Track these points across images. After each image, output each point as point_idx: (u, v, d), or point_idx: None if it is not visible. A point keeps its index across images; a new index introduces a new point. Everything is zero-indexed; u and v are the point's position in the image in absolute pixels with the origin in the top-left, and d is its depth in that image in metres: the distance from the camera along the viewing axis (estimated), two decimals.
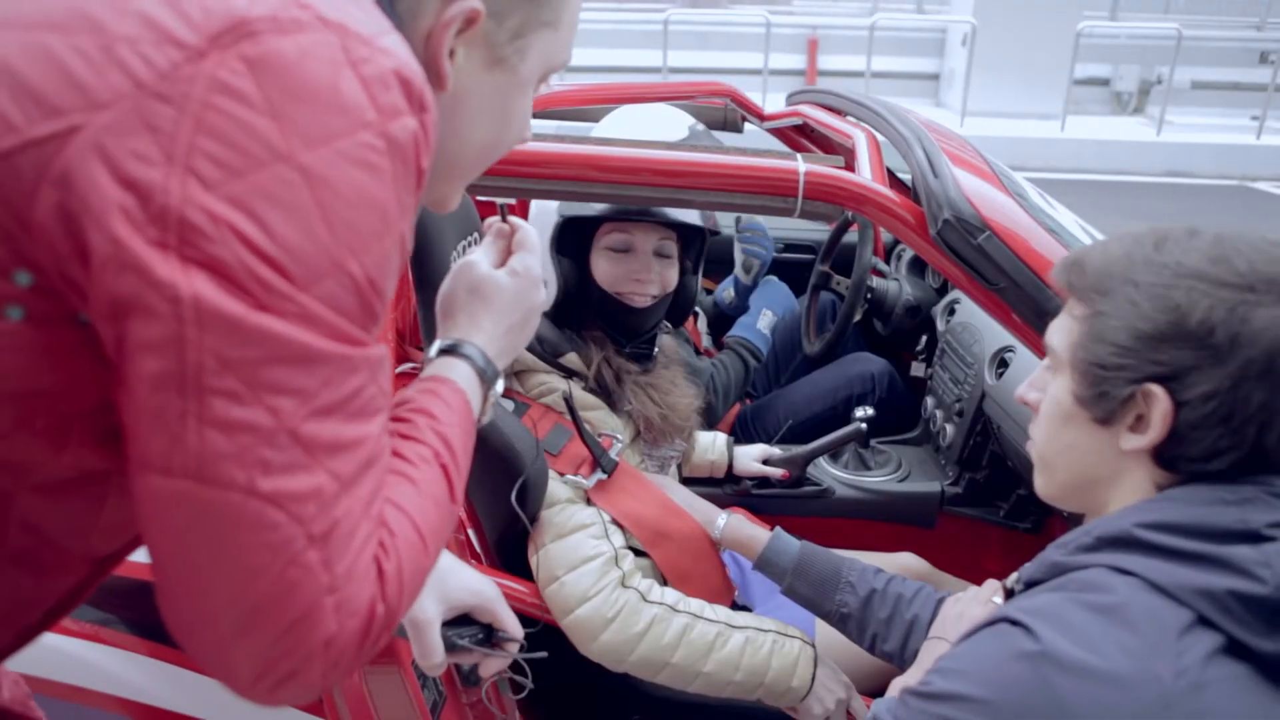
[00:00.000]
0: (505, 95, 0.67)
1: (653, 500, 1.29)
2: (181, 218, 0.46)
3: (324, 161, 0.48)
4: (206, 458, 0.47)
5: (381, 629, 0.56)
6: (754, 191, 1.11)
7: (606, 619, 1.18)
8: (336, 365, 0.50)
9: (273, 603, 0.50)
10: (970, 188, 1.10)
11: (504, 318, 0.79)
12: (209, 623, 0.51)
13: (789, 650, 1.22)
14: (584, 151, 1.10)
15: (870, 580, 1.17)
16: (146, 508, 0.49)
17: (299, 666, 0.52)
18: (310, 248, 0.48)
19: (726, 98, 2.09)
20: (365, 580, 0.54)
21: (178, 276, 0.46)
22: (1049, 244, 1.10)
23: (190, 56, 0.47)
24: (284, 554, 0.49)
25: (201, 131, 0.46)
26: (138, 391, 0.47)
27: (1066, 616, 0.68)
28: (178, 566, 0.50)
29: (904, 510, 1.80)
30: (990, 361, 1.73)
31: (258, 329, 0.47)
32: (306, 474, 0.50)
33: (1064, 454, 0.80)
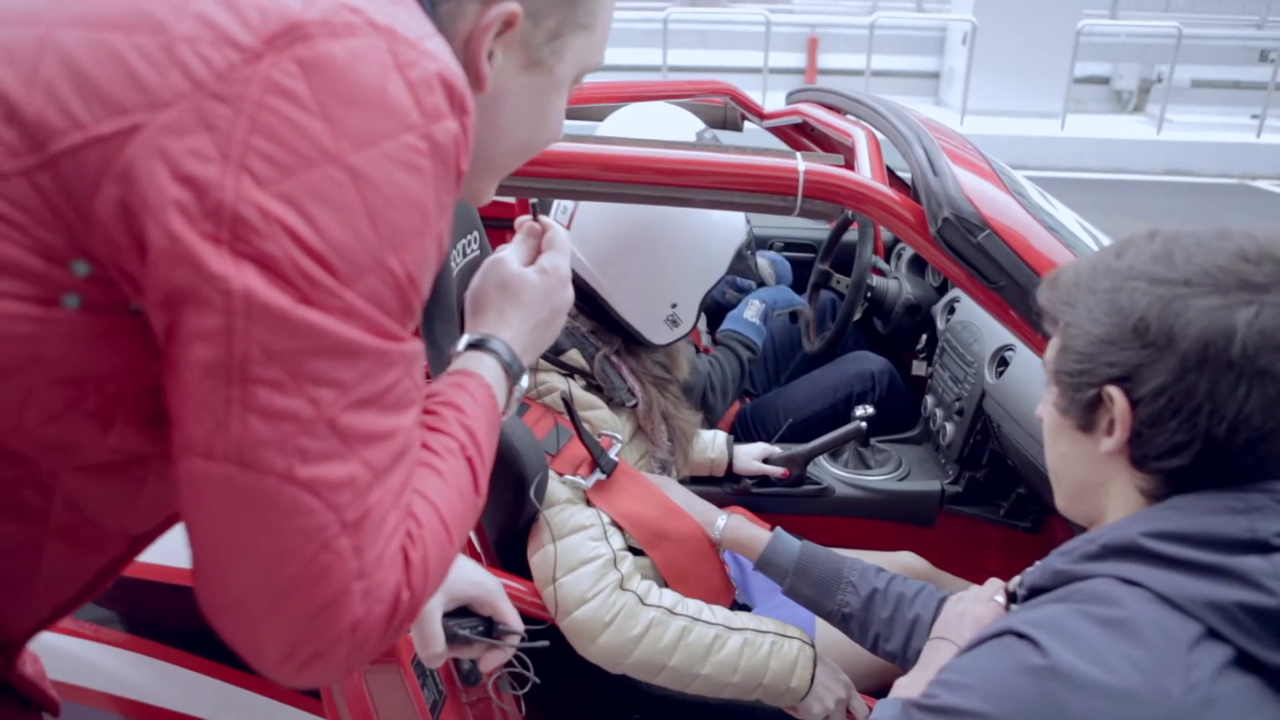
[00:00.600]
0: (541, 96, 0.70)
1: (652, 500, 1.29)
2: (235, 213, 0.48)
3: (370, 163, 0.50)
4: (248, 443, 0.49)
5: (406, 615, 0.57)
6: (753, 190, 1.10)
7: (604, 621, 1.18)
8: (375, 359, 0.52)
9: (304, 586, 0.52)
10: (970, 186, 1.10)
11: (531, 315, 0.81)
12: (241, 603, 0.52)
13: (787, 651, 1.22)
14: (583, 150, 1.10)
15: (872, 580, 1.17)
16: (188, 490, 0.51)
17: (325, 649, 0.54)
18: (355, 245, 0.50)
19: (726, 96, 2.09)
20: (393, 568, 0.55)
21: (230, 270, 0.48)
22: (1049, 243, 1.10)
23: (247, 58, 0.49)
24: (317, 539, 0.51)
25: (256, 131, 0.48)
26: (186, 378, 0.49)
27: (1074, 630, 0.67)
28: (214, 548, 0.52)
29: (904, 509, 1.80)
30: (990, 360, 1.73)
31: (303, 322, 0.49)
32: (342, 463, 0.51)
33: (1060, 464, 0.82)
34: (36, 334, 0.50)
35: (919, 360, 2.21)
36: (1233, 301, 0.68)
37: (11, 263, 0.49)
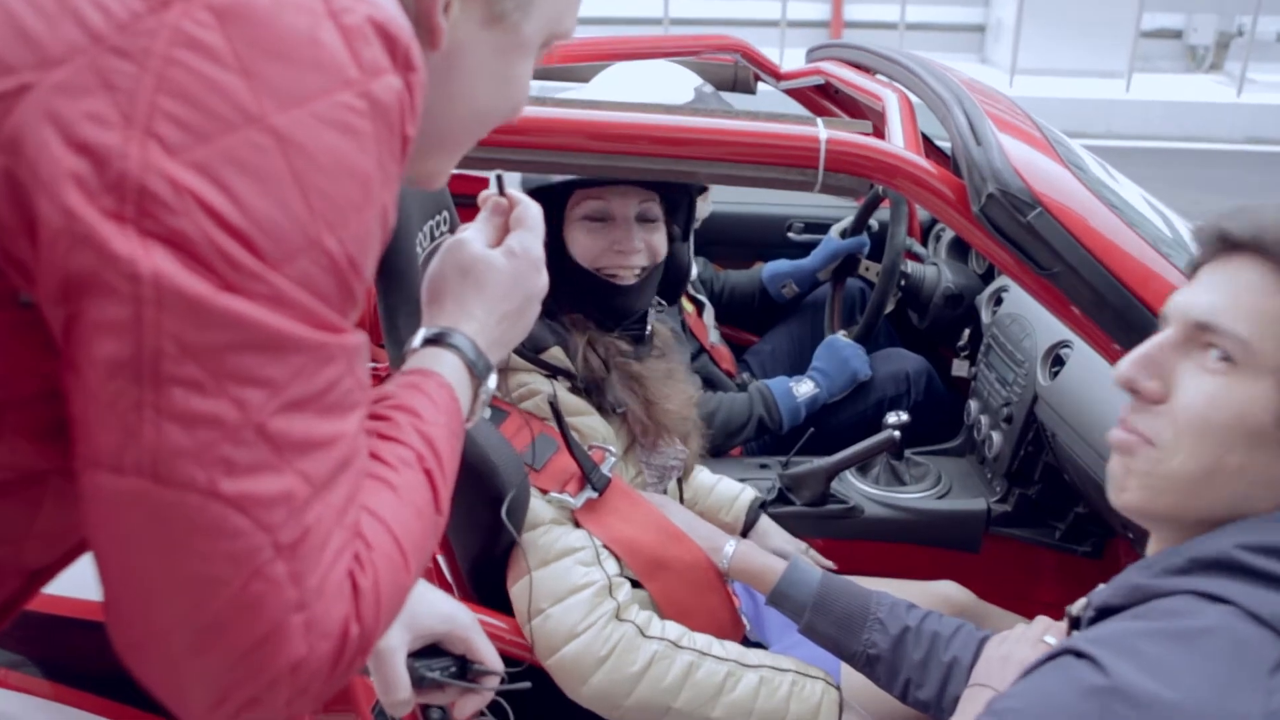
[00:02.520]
0: (504, 57, 0.69)
1: (649, 523, 1.29)
2: (141, 186, 0.46)
3: (299, 124, 0.49)
4: (163, 454, 0.48)
5: (355, 653, 0.56)
6: (768, 162, 1.11)
7: (599, 658, 1.18)
8: (310, 353, 0.51)
9: (233, 620, 0.51)
10: (1019, 157, 1.10)
11: (499, 304, 0.80)
12: (160, 640, 0.52)
13: (809, 694, 1.22)
14: (570, 116, 1.10)
15: (902, 617, 1.16)
16: (94, 510, 0.50)
17: (262, 693, 0.53)
18: (283, 221, 0.49)
19: (737, 53, 2.09)
20: (338, 597, 0.54)
21: (136, 251, 0.46)
22: (1111, 223, 1.10)
23: (152, 6, 0.48)
24: (247, 565, 0.50)
25: (163, 90, 0.47)
26: (89, 379, 0.48)
27: (1139, 646, 0.67)
28: (127, 578, 0.51)
29: (944, 532, 1.80)
30: (1043, 359, 1.73)
31: (223, 311, 0.48)
32: (274, 475, 0.50)
33: (1225, 478, 0.73)
34: None
35: (961, 359, 2.21)
36: None
37: None
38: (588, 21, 8.05)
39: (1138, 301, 1.05)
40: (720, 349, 2.21)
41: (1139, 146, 6.96)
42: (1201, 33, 9.05)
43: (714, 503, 1.59)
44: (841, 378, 2.04)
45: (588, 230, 1.31)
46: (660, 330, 1.46)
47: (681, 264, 1.43)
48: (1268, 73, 8.22)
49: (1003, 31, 8.44)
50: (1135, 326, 1.06)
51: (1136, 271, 1.07)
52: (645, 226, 1.34)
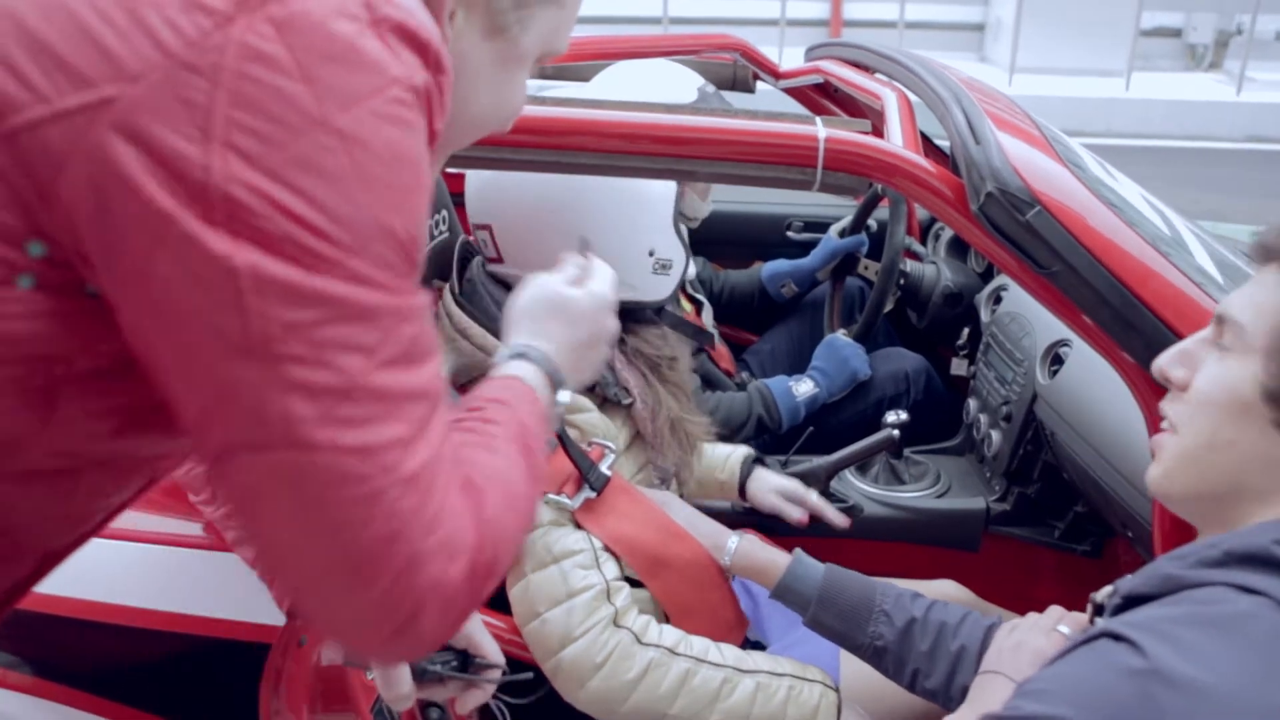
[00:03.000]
0: (502, 66, 0.75)
1: (650, 521, 1.29)
2: (226, 195, 0.52)
3: (359, 123, 0.55)
4: (292, 424, 0.54)
5: (486, 573, 0.64)
6: (766, 161, 1.10)
7: (595, 664, 1.18)
8: (392, 316, 0.57)
9: (377, 553, 0.58)
10: (1018, 156, 1.10)
11: (572, 333, 0.89)
12: (318, 584, 0.59)
13: (806, 697, 1.22)
14: (569, 115, 1.10)
15: (908, 608, 1.17)
16: (239, 489, 0.57)
17: (413, 613, 0.60)
18: (355, 214, 0.55)
19: (736, 52, 2.09)
20: (460, 520, 0.62)
21: (230, 249, 0.52)
22: (1110, 222, 1.10)
23: (218, 22, 0.52)
24: (380, 504, 0.57)
25: (237, 104, 0.52)
26: (206, 373, 0.54)
27: (1176, 631, 0.68)
28: (279, 537, 0.58)
29: (943, 530, 1.80)
30: (1042, 358, 1.73)
31: (316, 292, 0.54)
32: (386, 423, 0.57)
33: (1220, 452, 0.79)
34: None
35: (960, 358, 2.21)
36: None
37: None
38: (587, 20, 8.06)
39: (1136, 300, 1.06)
40: (719, 349, 2.21)
41: (1138, 145, 6.95)
42: (1201, 31, 9.04)
43: (707, 464, 1.60)
44: (841, 377, 2.04)
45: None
46: (668, 335, 1.46)
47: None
48: (1267, 71, 8.22)
49: (1002, 30, 8.44)
50: (1134, 325, 1.06)
51: (1135, 270, 1.07)
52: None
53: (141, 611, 1.22)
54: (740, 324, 2.48)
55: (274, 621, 1.19)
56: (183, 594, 1.23)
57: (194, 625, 1.23)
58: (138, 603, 1.22)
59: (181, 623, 1.23)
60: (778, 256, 2.46)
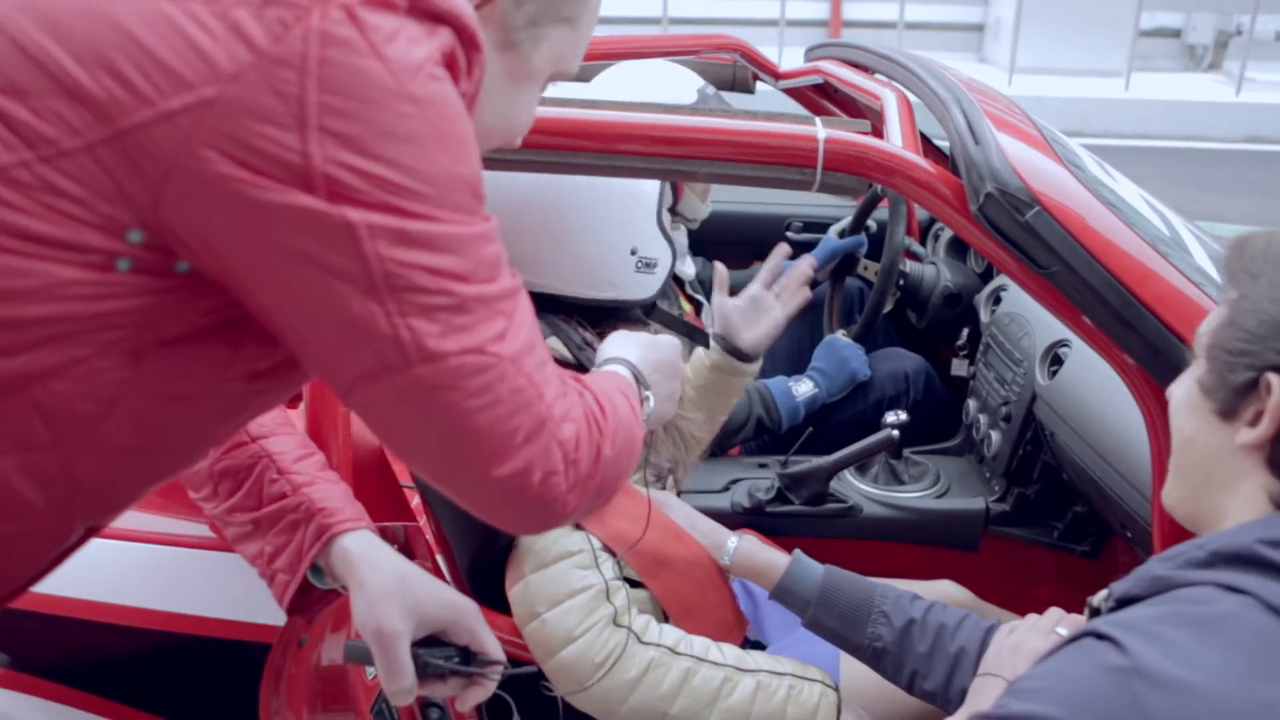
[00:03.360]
0: (513, 81, 0.80)
1: (650, 521, 1.29)
2: (326, 175, 0.58)
3: (424, 87, 0.61)
4: (423, 341, 0.63)
5: (599, 435, 0.76)
6: (766, 161, 1.10)
7: (595, 663, 1.18)
8: (477, 240, 0.66)
9: (509, 424, 0.68)
10: (1017, 156, 1.10)
11: (650, 354, 1.05)
12: (461, 469, 0.69)
13: (806, 696, 1.22)
14: (568, 115, 1.10)
15: (907, 609, 1.17)
16: (380, 411, 0.68)
17: (546, 473, 0.70)
18: (437, 172, 0.63)
19: (735, 52, 2.09)
20: (567, 392, 0.74)
21: (342, 209, 0.59)
22: (1109, 222, 1.10)
23: (299, 15, 0.57)
24: (503, 383, 0.67)
25: (325, 89, 0.57)
26: (329, 315, 0.62)
27: (1161, 631, 0.69)
28: (423, 441, 0.69)
29: (943, 531, 1.81)
30: (1042, 358, 1.73)
31: (419, 233, 0.62)
32: (490, 321, 0.67)
33: (1186, 449, 0.85)
34: (90, 294, 0.60)
35: (959, 358, 2.21)
36: None
37: (70, 237, 0.59)
38: None
39: (1136, 300, 1.06)
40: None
41: (1138, 146, 6.96)
42: (1200, 32, 9.05)
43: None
44: (840, 377, 2.04)
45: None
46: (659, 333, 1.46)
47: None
48: (1267, 72, 8.22)
49: (1001, 30, 8.44)
50: (1133, 325, 1.06)
51: (1135, 270, 1.07)
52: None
53: (142, 611, 1.22)
54: None
55: (274, 621, 1.19)
56: (183, 594, 1.23)
57: (194, 625, 1.23)
58: (138, 602, 1.22)
59: (182, 623, 1.23)
60: None
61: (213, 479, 1.07)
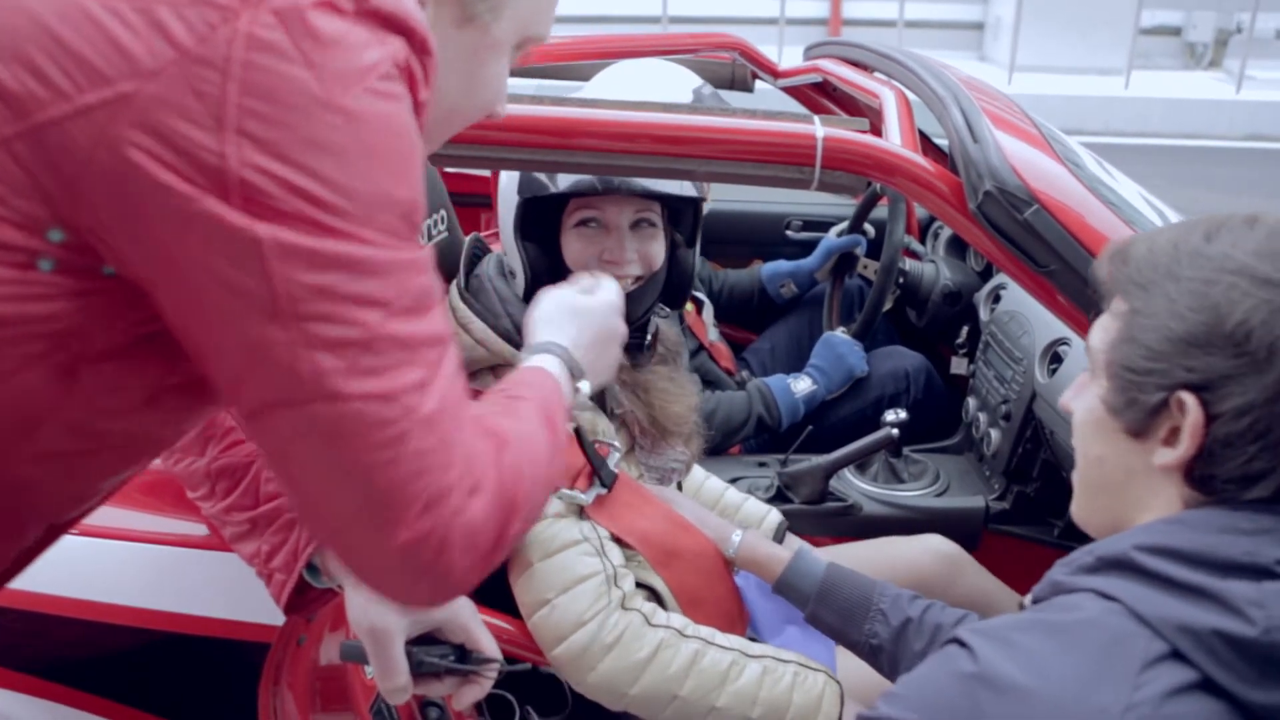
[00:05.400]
0: (475, 56, 0.76)
1: (659, 515, 1.30)
2: (241, 180, 0.55)
3: (359, 101, 0.58)
4: (322, 377, 0.58)
5: (506, 513, 0.69)
6: (764, 160, 1.11)
7: (605, 645, 1.18)
8: (403, 270, 0.62)
9: (403, 489, 0.62)
10: (1016, 155, 1.10)
11: (586, 330, 1.01)
12: (351, 527, 0.63)
13: (812, 685, 1.22)
14: (567, 115, 1.10)
15: (904, 609, 1.18)
16: (273, 444, 0.62)
17: (440, 548, 0.64)
18: (364, 188, 0.59)
19: (735, 52, 2.09)
20: (481, 460, 0.67)
21: (251, 224, 0.56)
22: (1107, 219, 1.10)
23: (226, 16, 0.55)
24: (404, 444, 0.61)
25: (247, 93, 0.55)
26: (236, 337, 0.58)
27: (1015, 637, 0.71)
28: (312, 485, 0.63)
29: (942, 528, 1.80)
30: (1041, 356, 1.73)
31: (334, 255, 0.58)
32: (407, 368, 0.62)
33: (1094, 468, 0.83)
34: (11, 294, 0.58)
35: (959, 357, 2.21)
36: None
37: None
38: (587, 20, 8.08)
39: None
40: (719, 347, 2.21)
41: (1137, 144, 6.96)
42: (1200, 29, 9.05)
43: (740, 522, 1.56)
44: (839, 374, 2.04)
45: (579, 235, 1.30)
46: (667, 334, 1.46)
47: (685, 270, 1.41)
48: (1267, 69, 8.21)
49: (1001, 29, 8.44)
50: None
51: None
52: (640, 234, 1.31)
53: (141, 611, 1.22)
54: (740, 323, 2.49)
55: (274, 621, 1.19)
56: (182, 594, 1.23)
57: (193, 625, 1.23)
58: (137, 602, 1.22)
59: (180, 622, 1.23)
60: (777, 256, 2.46)
61: (210, 478, 1.07)
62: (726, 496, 1.58)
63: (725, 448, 1.92)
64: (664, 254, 1.35)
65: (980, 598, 1.48)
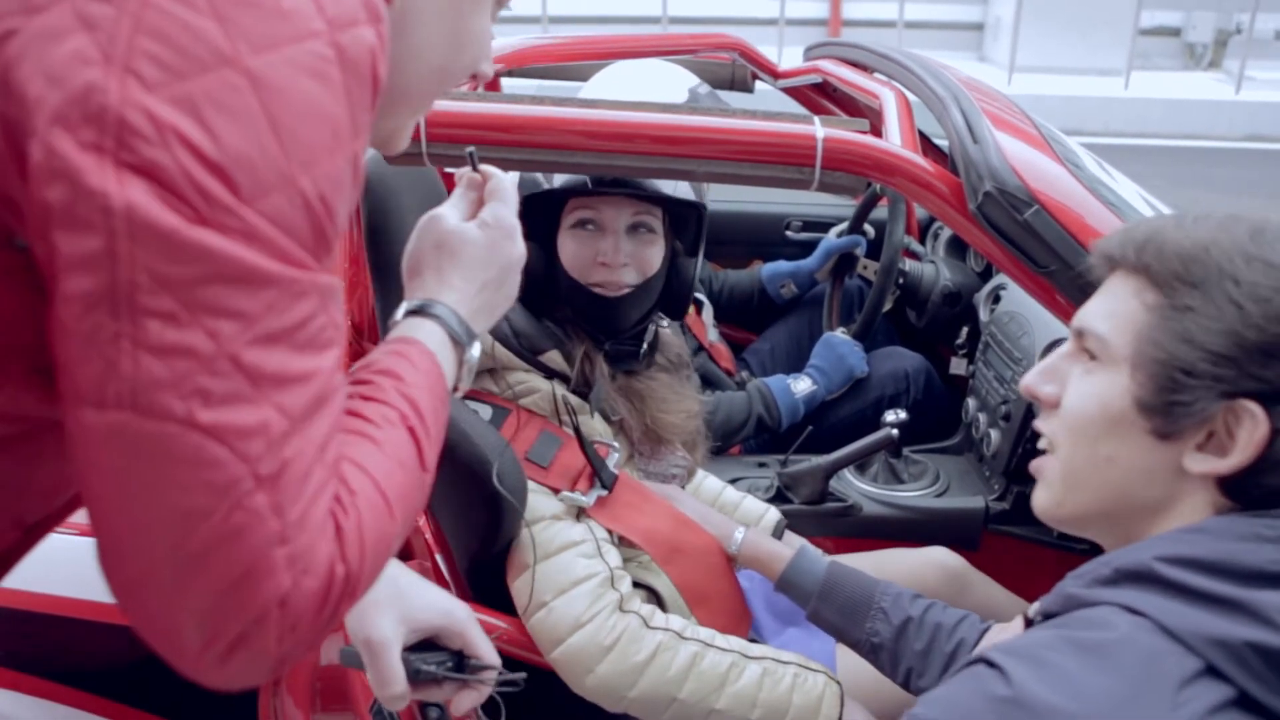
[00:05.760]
0: (458, 11, 0.71)
1: (662, 513, 1.30)
2: (120, 118, 0.48)
3: (272, 68, 0.51)
4: (141, 385, 0.49)
5: (341, 595, 0.58)
6: (764, 160, 1.11)
7: (604, 647, 1.18)
8: (282, 288, 0.52)
9: (217, 551, 0.52)
10: (1016, 155, 1.10)
11: (477, 274, 0.82)
12: (149, 577, 0.53)
13: (812, 686, 1.22)
14: (567, 115, 1.10)
15: (905, 607, 1.18)
16: (79, 447, 0.52)
17: (250, 629, 0.54)
18: (258, 158, 0.50)
19: (735, 52, 2.09)
20: (321, 534, 0.56)
21: (110, 185, 0.48)
22: (1107, 220, 1.10)
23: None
24: (228, 496, 0.52)
25: (141, 31, 0.49)
26: (67, 314, 0.49)
27: (1047, 657, 0.68)
28: (113, 513, 0.53)
29: (942, 529, 1.80)
30: (1041, 357, 1.73)
31: (196, 244, 0.49)
32: (251, 406, 0.52)
33: (1100, 469, 0.78)
34: None
35: (959, 357, 2.21)
36: None
37: None
38: (587, 20, 8.08)
39: None
40: (719, 347, 2.21)
41: (1137, 144, 6.96)
42: (1200, 30, 9.04)
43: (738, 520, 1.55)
44: (839, 374, 2.04)
45: (575, 237, 1.29)
46: (671, 343, 1.45)
47: (685, 280, 1.38)
48: (1266, 70, 8.21)
49: (1001, 29, 8.44)
50: None
51: None
52: (637, 239, 1.30)
53: None
54: (740, 323, 2.49)
55: None
56: None
57: None
58: None
59: None
60: (777, 256, 2.46)
61: None
62: (724, 495, 1.57)
63: (725, 448, 1.92)
64: (661, 261, 1.33)
65: (988, 612, 1.48)
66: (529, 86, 2.06)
